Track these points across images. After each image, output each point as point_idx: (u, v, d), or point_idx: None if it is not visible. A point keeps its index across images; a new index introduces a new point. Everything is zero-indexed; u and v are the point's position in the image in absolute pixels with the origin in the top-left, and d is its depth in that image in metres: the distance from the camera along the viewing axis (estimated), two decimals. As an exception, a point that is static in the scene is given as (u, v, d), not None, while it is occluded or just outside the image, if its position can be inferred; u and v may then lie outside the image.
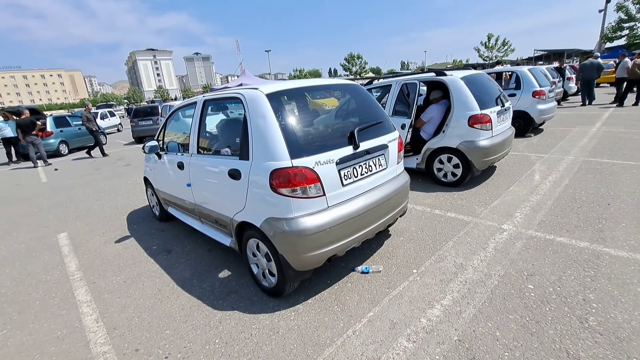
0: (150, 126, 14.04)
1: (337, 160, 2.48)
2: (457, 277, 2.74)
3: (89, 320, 2.67)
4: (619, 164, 5.18)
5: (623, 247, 2.93)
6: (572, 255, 2.90)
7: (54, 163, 10.93)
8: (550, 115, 7.94)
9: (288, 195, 2.29)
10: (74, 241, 4.31)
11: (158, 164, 4.10)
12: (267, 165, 2.34)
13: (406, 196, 3.22)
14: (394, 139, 3.06)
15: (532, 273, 2.70)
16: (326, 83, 3.28)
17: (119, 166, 9.43)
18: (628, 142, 6.48)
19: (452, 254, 3.12)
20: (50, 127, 12.54)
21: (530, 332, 2.10)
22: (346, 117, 3.46)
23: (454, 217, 3.90)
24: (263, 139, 2.41)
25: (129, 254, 3.78)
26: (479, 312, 2.32)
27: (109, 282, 3.24)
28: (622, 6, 30.71)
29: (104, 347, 2.35)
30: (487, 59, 52.01)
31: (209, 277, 3.15)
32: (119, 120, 22.38)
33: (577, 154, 5.98)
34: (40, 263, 3.77)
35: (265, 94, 2.52)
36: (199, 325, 2.48)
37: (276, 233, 2.35)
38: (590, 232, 3.25)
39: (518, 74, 7.94)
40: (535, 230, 3.41)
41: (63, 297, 3.06)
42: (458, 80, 4.73)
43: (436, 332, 2.18)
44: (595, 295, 2.37)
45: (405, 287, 2.70)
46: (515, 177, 5.08)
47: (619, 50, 14.92)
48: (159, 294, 2.96)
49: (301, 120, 2.69)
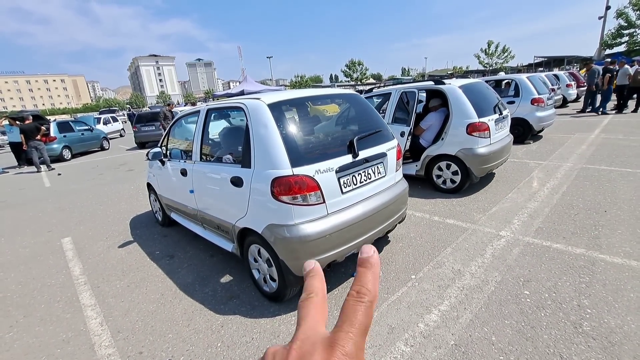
0: (152, 132, 14.15)
1: (337, 168, 2.55)
2: (454, 283, 2.80)
3: (94, 324, 2.72)
4: (616, 171, 5.24)
5: (618, 254, 2.98)
6: (568, 262, 2.95)
7: (57, 168, 11.03)
8: (549, 122, 8.01)
9: (289, 202, 2.36)
10: (77, 246, 4.37)
11: (161, 170, 4.18)
12: (268, 173, 2.41)
13: (405, 203, 3.28)
14: (393, 147, 3.13)
15: (529, 279, 2.75)
16: (326, 93, 3.36)
17: (121, 171, 9.52)
18: (626, 149, 6.54)
19: (450, 260, 3.17)
20: (54, 132, 12.66)
21: (525, 337, 2.15)
22: (346, 126, 3.54)
23: (452, 224, 3.96)
24: (264, 147, 2.48)
25: (133, 259, 3.84)
26: (475, 318, 2.37)
27: (112, 286, 3.29)
28: (622, 13, 30.93)
29: (108, 350, 2.41)
30: (487, 65, 52.28)
31: (210, 282, 3.20)
32: (121, 125, 22.52)
33: (576, 161, 6.04)
34: (45, 267, 3.83)
35: (266, 103, 2.60)
36: (201, 329, 2.54)
37: (277, 239, 2.42)
38: (586, 239, 3.31)
39: (517, 82, 8.04)
40: (532, 237, 3.46)
41: (68, 300, 3.11)
42: (456, 88, 4.82)
43: (433, 336, 2.23)
44: (590, 301, 2.41)
45: (403, 292, 2.75)
46: (513, 184, 5.14)
47: (618, 57, 14.94)
48: (162, 298, 3.02)
49: (302, 129, 2.77)
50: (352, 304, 0.29)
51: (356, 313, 0.28)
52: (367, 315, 0.28)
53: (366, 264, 0.31)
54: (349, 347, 0.26)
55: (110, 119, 21.25)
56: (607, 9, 27.94)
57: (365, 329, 0.28)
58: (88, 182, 8.40)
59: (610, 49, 33.39)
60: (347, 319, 0.28)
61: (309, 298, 0.32)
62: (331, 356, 0.26)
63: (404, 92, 5.48)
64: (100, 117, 20.27)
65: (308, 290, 0.33)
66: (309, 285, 0.33)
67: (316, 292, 0.32)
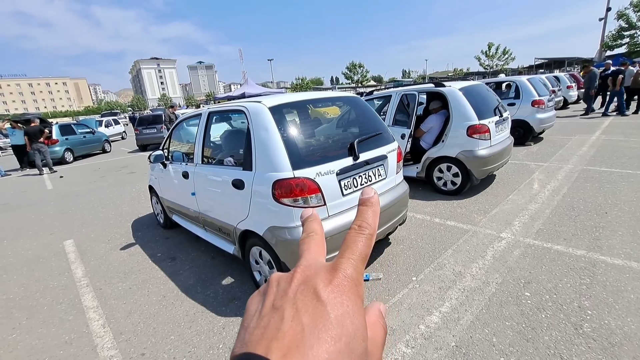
0: (154, 134, 14.21)
1: (338, 170, 2.57)
2: (455, 285, 2.80)
3: (96, 326, 2.74)
4: (617, 173, 5.24)
5: (619, 255, 2.99)
6: (569, 263, 2.95)
7: (59, 170, 11.08)
8: (549, 124, 8.02)
9: (290, 204, 2.38)
10: (80, 248, 4.39)
11: (163, 173, 4.20)
12: (269, 176, 2.43)
13: (406, 205, 3.30)
14: (393, 149, 3.14)
15: (529, 281, 2.76)
16: (327, 96, 3.38)
17: (123, 174, 9.56)
18: (627, 150, 6.54)
19: (451, 262, 3.18)
20: (56, 134, 12.72)
21: (526, 338, 2.15)
22: (346, 128, 3.56)
23: (453, 226, 3.97)
24: (266, 150, 2.50)
25: (134, 261, 3.86)
26: (476, 319, 2.38)
27: (114, 288, 3.31)
28: (622, 14, 30.94)
29: (111, 352, 2.42)
30: (488, 67, 52.33)
31: (212, 284, 3.22)
32: (123, 128, 22.62)
33: (576, 163, 6.05)
34: (48, 269, 3.85)
35: (268, 107, 2.63)
36: (203, 331, 2.55)
37: (278, 241, 2.43)
38: (587, 241, 3.31)
39: (517, 84, 8.05)
40: (533, 238, 3.46)
41: (70, 302, 3.13)
42: (456, 91, 4.84)
43: (434, 338, 2.24)
44: (590, 303, 2.42)
45: (404, 294, 2.76)
46: (514, 185, 5.15)
47: (619, 59, 14.90)
48: (164, 300, 3.03)
49: (303, 132, 2.79)
50: (353, 235, 0.31)
51: (357, 243, 0.30)
52: (367, 246, 0.31)
53: (367, 203, 0.33)
54: (350, 271, 0.28)
55: (112, 121, 21.35)
56: (608, 11, 27.97)
57: (365, 257, 0.30)
58: (90, 185, 8.44)
59: (611, 50, 33.40)
60: (348, 248, 0.30)
61: (310, 235, 0.35)
62: (334, 277, 0.28)
63: (404, 94, 5.50)
64: (102, 120, 20.36)
65: (308, 230, 0.35)
66: (308, 227, 0.36)
67: (316, 231, 0.35)
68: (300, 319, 0.25)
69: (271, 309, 0.27)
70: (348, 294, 0.27)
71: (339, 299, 0.27)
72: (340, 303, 0.26)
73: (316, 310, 0.26)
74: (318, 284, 0.28)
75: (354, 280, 0.28)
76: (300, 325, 0.25)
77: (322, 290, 0.27)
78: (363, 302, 0.29)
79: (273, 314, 0.26)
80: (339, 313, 0.26)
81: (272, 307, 0.27)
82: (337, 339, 0.24)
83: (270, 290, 0.29)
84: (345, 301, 0.27)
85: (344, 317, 0.26)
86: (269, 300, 0.28)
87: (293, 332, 0.24)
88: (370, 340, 0.28)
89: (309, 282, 0.28)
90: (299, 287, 0.28)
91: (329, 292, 0.27)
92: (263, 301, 0.28)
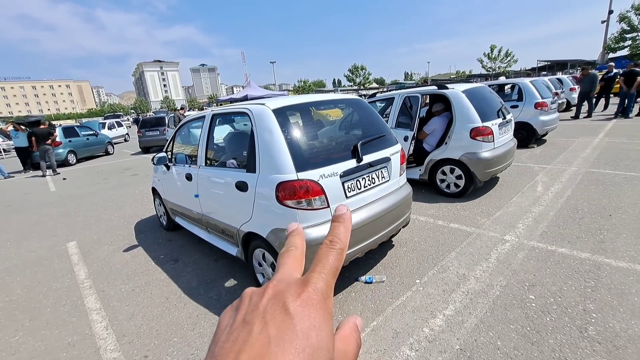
0: (157, 136, 14.25)
1: (341, 173, 2.56)
2: (459, 288, 2.79)
3: (99, 328, 2.74)
4: (621, 175, 5.22)
5: (623, 258, 2.97)
6: (573, 266, 2.93)
7: (62, 172, 11.12)
8: (552, 126, 8.00)
9: (293, 207, 2.38)
10: (83, 250, 4.40)
11: (166, 175, 4.21)
12: (273, 178, 2.43)
13: (409, 207, 3.29)
14: (397, 151, 3.14)
15: (534, 283, 2.74)
16: (331, 98, 3.38)
17: (126, 176, 9.58)
18: (630, 152, 6.51)
19: (455, 264, 3.16)
20: (60, 137, 12.78)
21: (530, 342, 2.14)
22: (349, 130, 3.56)
23: (456, 228, 3.95)
24: (269, 152, 2.51)
25: (137, 263, 3.86)
26: (480, 322, 2.36)
27: (117, 290, 3.31)
28: (624, 17, 30.82)
29: (113, 354, 2.42)
30: (491, 69, 52.29)
31: (215, 286, 3.21)
32: (125, 130, 22.70)
33: (580, 165, 6.02)
34: (51, 271, 3.86)
35: (271, 109, 2.63)
36: (206, 333, 2.55)
37: (282, 243, 2.42)
38: (591, 243, 3.29)
39: (520, 86, 8.04)
40: (537, 241, 3.45)
41: (73, 304, 3.14)
42: (459, 93, 4.83)
43: (438, 341, 2.23)
44: (595, 306, 2.40)
45: (408, 297, 2.75)
46: (518, 188, 5.13)
47: (623, 61, 14.86)
48: (167, 302, 3.03)
49: (306, 134, 2.79)
50: (325, 250, 0.32)
51: (328, 257, 0.31)
52: (338, 260, 0.32)
53: (339, 219, 0.35)
54: (320, 284, 0.29)
55: (115, 123, 21.43)
56: (610, 13, 27.94)
57: (336, 271, 0.31)
58: (93, 187, 8.47)
59: (614, 52, 33.29)
60: (319, 262, 0.31)
61: (289, 250, 0.35)
62: (303, 291, 0.29)
63: (407, 96, 5.50)
64: (105, 122, 20.45)
65: (289, 244, 0.36)
66: (290, 241, 0.37)
67: (296, 246, 0.36)
68: (268, 331, 0.26)
69: (242, 323, 0.28)
70: (316, 307, 0.28)
71: (307, 312, 0.27)
72: (307, 316, 0.27)
73: (283, 323, 0.26)
74: (288, 297, 0.28)
75: (324, 294, 0.29)
76: (267, 337, 0.25)
77: (290, 304, 0.28)
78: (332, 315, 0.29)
79: (243, 328, 0.27)
80: (305, 326, 0.26)
81: (243, 321, 0.28)
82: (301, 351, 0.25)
83: (243, 305, 0.30)
84: (312, 314, 0.27)
85: (309, 330, 0.26)
86: (240, 315, 0.29)
87: (260, 344, 0.25)
88: (342, 353, 0.29)
89: (279, 296, 0.29)
90: (270, 301, 0.29)
91: (297, 306, 0.28)
92: (235, 316, 0.29)
